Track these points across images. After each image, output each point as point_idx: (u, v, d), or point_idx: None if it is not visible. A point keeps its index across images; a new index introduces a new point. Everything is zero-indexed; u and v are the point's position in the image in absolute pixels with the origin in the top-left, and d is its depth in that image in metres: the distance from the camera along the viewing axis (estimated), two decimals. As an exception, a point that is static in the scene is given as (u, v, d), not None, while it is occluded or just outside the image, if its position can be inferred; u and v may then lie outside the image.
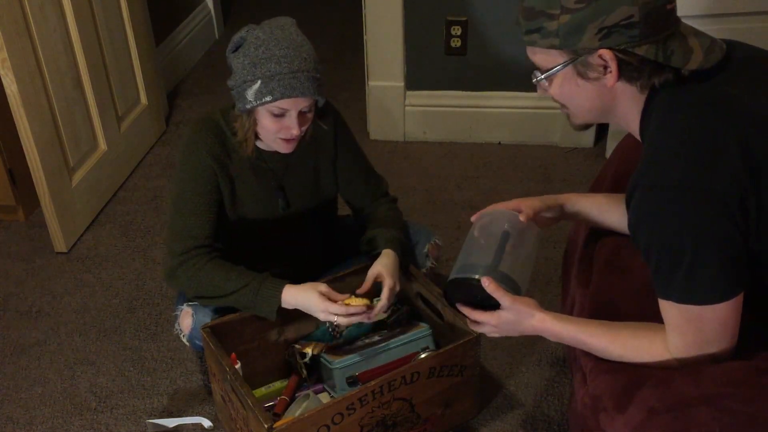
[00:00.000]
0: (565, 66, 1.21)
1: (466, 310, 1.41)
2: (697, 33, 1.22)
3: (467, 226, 1.53)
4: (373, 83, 2.87)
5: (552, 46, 1.20)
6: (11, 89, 2.15)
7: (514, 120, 2.86)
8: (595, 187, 1.74)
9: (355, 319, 1.64)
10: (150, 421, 1.83)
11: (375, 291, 1.71)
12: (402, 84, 2.85)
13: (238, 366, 1.65)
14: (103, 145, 2.63)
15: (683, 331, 1.21)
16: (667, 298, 1.20)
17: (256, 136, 1.71)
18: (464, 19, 2.70)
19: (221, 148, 1.71)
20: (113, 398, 1.93)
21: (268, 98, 1.59)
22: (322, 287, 1.65)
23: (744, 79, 1.21)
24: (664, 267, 1.18)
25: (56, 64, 2.33)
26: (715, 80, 1.19)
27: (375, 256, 1.77)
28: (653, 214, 1.16)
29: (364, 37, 2.80)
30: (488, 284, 1.34)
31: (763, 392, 1.17)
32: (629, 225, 1.23)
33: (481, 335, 1.70)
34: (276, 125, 1.64)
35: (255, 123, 1.67)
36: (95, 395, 1.94)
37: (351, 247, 1.91)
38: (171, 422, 1.82)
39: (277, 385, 1.85)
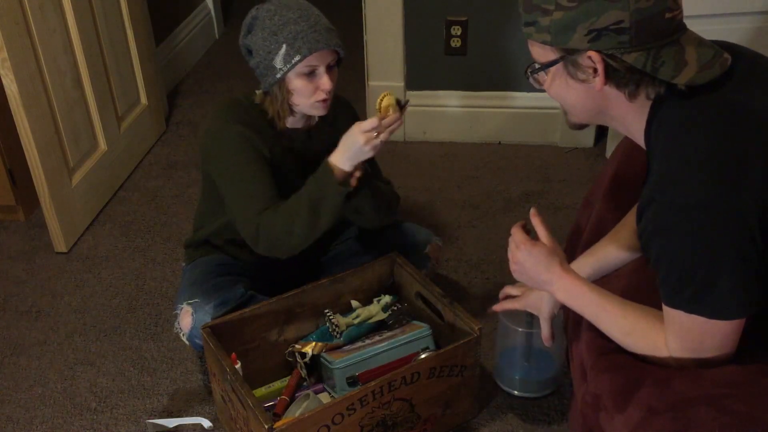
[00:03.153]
0: (555, 63, 1.20)
1: (515, 230, 1.45)
2: (701, 44, 1.18)
3: (467, 226, 1.56)
4: (373, 83, 2.87)
5: (545, 42, 1.19)
6: (11, 89, 2.15)
7: (514, 120, 2.86)
8: (595, 188, 1.74)
9: (395, 127, 1.66)
10: (150, 421, 1.83)
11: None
12: (402, 84, 2.85)
13: (238, 366, 1.65)
14: (103, 145, 2.63)
15: (683, 336, 1.21)
16: (674, 307, 1.19)
17: (290, 110, 1.73)
18: (464, 19, 2.70)
19: (248, 126, 1.73)
20: (113, 398, 1.93)
21: (297, 58, 1.63)
22: (363, 125, 1.63)
23: (756, 85, 1.18)
24: (675, 280, 1.17)
25: (56, 64, 2.33)
26: (725, 90, 1.16)
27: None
28: (669, 230, 1.14)
29: (364, 37, 2.80)
30: (535, 215, 1.42)
31: (763, 393, 1.17)
32: (640, 236, 1.21)
33: (480, 335, 1.71)
34: (310, 86, 1.68)
35: (288, 93, 1.69)
36: (95, 395, 1.94)
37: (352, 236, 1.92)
38: (171, 422, 1.82)
39: (277, 385, 1.85)
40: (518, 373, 1.84)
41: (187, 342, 1.86)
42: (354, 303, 1.92)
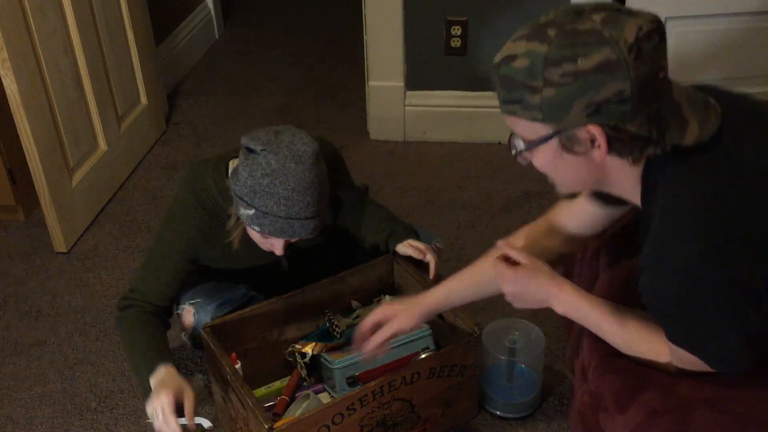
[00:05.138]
0: (548, 139, 1.11)
1: (495, 263, 1.39)
2: (690, 95, 1.13)
3: (467, 227, 1.56)
4: (373, 83, 2.87)
5: (534, 119, 1.10)
6: (11, 89, 2.15)
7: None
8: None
9: None
10: (150, 421, 1.83)
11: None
12: (402, 84, 2.85)
13: (238, 366, 1.65)
14: (103, 145, 2.63)
15: (683, 362, 1.21)
16: (678, 346, 1.19)
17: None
18: (464, 19, 2.70)
19: (212, 223, 1.68)
20: (113, 398, 1.93)
21: (256, 228, 1.56)
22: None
23: (753, 137, 1.15)
24: (678, 332, 1.17)
25: (56, 64, 2.33)
26: (724, 144, 1.11)
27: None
28: (670, 297, 1.13)
29: (364, 37, 2.80)
30: (503, 245, 1.35)
31: (763, 395, 1.18)
32: (641, 293, 1.19)
33: (480, 335, 1.71)
34: (261, 240, 1.62)
35: (243, 225, 1.64)
36: (95, 395, 1.94)
37: (346, 261, 1.91)
38: (171, 422, 1.82)
39: (277, 385, 1.85)
40: (500, 394, 1.83)
41: (188, 342, 1.86)
42: (354, 303, 1.92)
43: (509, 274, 1.35)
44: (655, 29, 1.05)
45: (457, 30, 2.71)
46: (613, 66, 1.02)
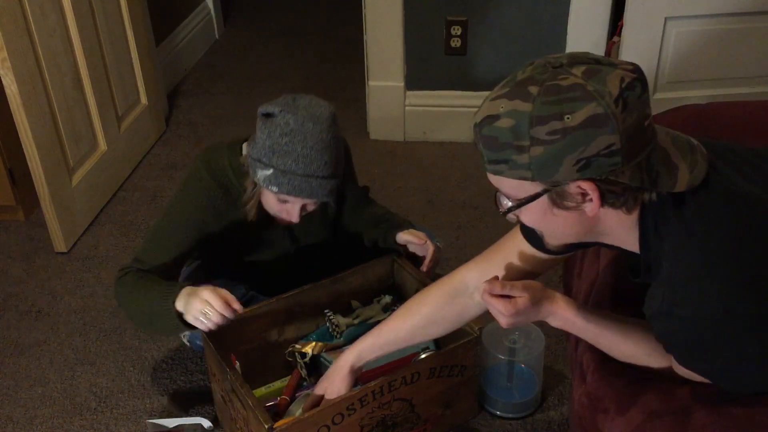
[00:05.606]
0: (538, 197, 1.10)
1: (486, 296, 1.35)
2: (675, 140, 1.12)
3: (467, 227, 1.56)
4: (373, 83, 2.87)
5: (523, 178, 1.08)
6: (11, 89, 2.15)
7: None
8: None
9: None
10: (150, 421, 1.83)
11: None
12: (402, 84, 2.85)
13: (237, 366, 1.65)
14: (103, 145, 2.63)
15: (690, 376, 1.21)
16: (689, 369, 1.19)
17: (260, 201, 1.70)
18: (464, 19, 2.70)
19: (225, 199, 1.70)
20: (113, 398, 1.93)
21: (274, 188, 1.58)
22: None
23: (742, 170, 1.14)
24: (691, 361, 1.18)
25: (56, 64, 2.33)
26: (716, 180, 1.11)
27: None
28: (690, 339, 1.13)
29: (364, 37, 2.80)
30: (493, 287, 1.31)
31: (762, 397, 1.17)
32: (657, 337, 1.19)
33: (480, 335, 1.71)
34: (278, 206, 1.65)
35: (259, 193, 1.67)
36: (95, 395, 1.94)
37: (350, 260, 1.92)
38: (171, 422, 1.82)
39: (277, 385, 1.85)
40: (500, 394, 1.83)
41: (187, 343, 1.86)
42: (354, 303, 1.92)
43: (510, 309, 1.31)
44: (637, 78, 1.05)
45: (457, 30, 2.71)
46: (601, 120, 1.01)
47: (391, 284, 1.96)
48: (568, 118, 1.02)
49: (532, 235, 1.32)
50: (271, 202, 1.65)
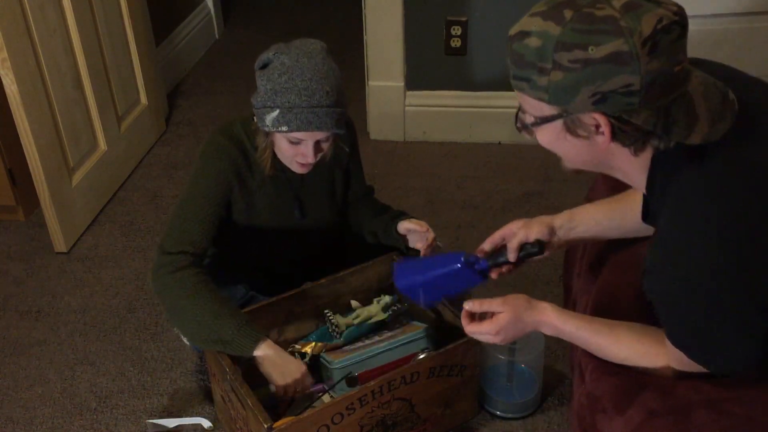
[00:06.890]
0: (553, 120, 1.11)
1: (465, 323, 1.40)
2: (707, 91, 1.09)
3: (467, 226, 1.56)
4: (373, 83, 2.87)
5: (540, 99, 1.10)
6: (11, 89, 2.15)
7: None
8: (594, 187, 1.74)
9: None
10: (150, 421, 1.83)
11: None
12: (402, 84, 2.85)
13: (237, 366, 1.65)
14: (103, 145, 2.63)
15: (682, 364, 1.21)
16: (679, 348, 1.18)
17: (274, 153, 1.72)
18: (464, 19, 2.70)
19: (244, 161, 1.72)
20: (113, 398, 1.93)
21: (284, 128, 1.59)
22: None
23: (762, 133, 1.11)
24: (682, 332, 1.17)
25: (56, 64, 2.33)
26: (740, 144, 1.08)
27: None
28: (676, 298, 1.13)
29: (364, 37, 2.80)
30: (472, 305, 1.37)
31: (762, 396, 1.17)
32: (646, 293, 1.19)
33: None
34: (292, 150, 1.65)
35: (272, 143, 1.68)
36: (95, 395, 1.94)
37: (356, 255, 1.92)
38: (171, 422, 1.82)
39: (277, 385, 1.85)
40: (500, 394, 1.83)
41: (187, 343, 1.86)
42: (354, 303, 1.92)
43: (493, 328, 1.35)
44: (677, 22, 1.03)
45: (457, 30, 2.71)
46: (624, 58, 1.01)
47: (391, 284, 1.96)
48: (592, 49, 1.02)
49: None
50: (284, 147, 1.65)
